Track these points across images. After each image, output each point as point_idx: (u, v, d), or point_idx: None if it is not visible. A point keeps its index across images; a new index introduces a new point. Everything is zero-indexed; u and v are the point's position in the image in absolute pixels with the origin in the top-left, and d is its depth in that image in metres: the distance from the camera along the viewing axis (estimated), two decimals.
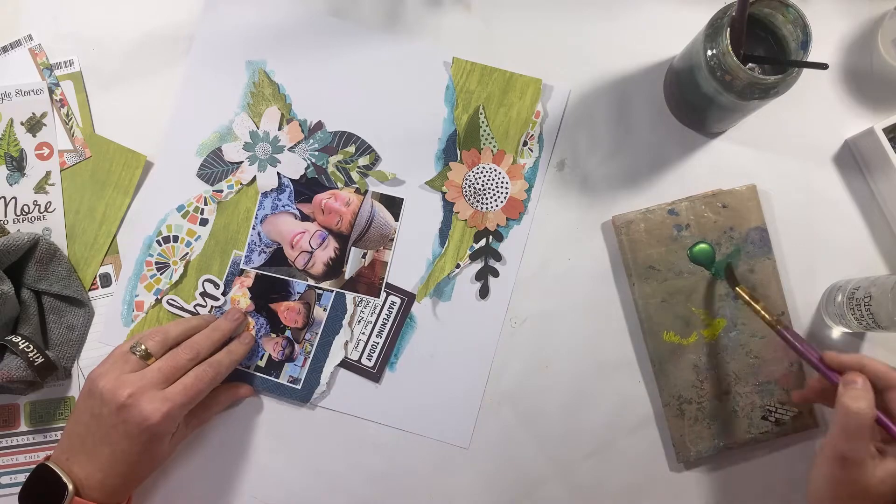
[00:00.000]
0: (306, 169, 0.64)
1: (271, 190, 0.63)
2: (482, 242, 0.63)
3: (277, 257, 0.63)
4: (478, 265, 0.63)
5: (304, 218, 0.63)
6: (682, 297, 0.62)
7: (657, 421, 0.62)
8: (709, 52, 0.54)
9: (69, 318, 0.61)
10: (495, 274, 0.63)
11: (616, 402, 0.62)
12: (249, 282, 0.63)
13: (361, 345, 0.62)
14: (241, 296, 0.63)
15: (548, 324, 0.63)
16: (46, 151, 0.63)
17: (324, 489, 0.62)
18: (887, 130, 0.60)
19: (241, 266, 0.63)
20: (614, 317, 0.63)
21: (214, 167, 0.64)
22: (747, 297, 0.57)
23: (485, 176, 0.64)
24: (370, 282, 0.63)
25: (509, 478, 0.62)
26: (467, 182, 0.64)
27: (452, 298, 0.63)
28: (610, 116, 0.64)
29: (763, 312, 0.56)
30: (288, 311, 0.62)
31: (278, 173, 0.64)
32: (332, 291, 0.63)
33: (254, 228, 0.63)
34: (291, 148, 0.64)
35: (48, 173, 0.63)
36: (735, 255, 0.61)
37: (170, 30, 0.65)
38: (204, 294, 0.63)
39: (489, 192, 0.64)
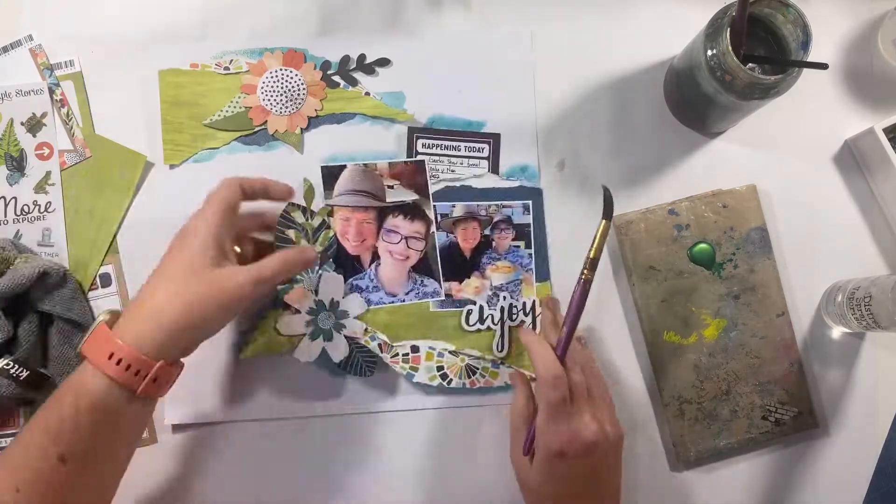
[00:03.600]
0: None
1: None
2: None
3: None
4: None
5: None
6: (682, 297, 0.62)
7: (657, 421, 0.62)
8: (709, 52, 0.54)
9: (71, 339, 0.60)
10: None
11: (616, 402, 0.62)
12: None
13: None
14: None
15: None
16: (46, 151, 0.63)
17: (325, 490, 0.62)
18: (887, 130, 0.60)
19: None
20: (614, 317, 0.63)
21: None
22: (599, 233, 0.55)
23: None
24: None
25: (510, 476, 0.61)
26: None
27: None
28: (610, 116, 0.64)
29: (594, 252, 0.55)
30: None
31: None
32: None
33: None
34: None
35: (48, 173, 0.63)
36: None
37: (170, 29, 0.65)
38: None
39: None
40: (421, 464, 0.62)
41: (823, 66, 0.52)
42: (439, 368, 0.61)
